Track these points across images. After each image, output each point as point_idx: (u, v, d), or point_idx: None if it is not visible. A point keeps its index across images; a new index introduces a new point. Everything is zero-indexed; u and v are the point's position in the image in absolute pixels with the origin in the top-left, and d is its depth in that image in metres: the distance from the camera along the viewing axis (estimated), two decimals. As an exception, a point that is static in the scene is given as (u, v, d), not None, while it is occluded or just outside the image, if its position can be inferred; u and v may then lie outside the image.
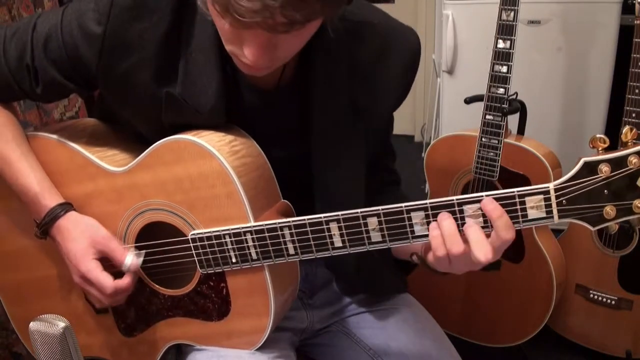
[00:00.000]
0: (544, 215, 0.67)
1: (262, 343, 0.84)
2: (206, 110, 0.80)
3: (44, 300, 0.96)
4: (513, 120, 1.59)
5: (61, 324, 0.68)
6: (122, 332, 0.93)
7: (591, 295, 1.62)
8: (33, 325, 0.68)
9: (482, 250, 0.68)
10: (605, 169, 0.64)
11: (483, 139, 1.50)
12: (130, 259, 0.82)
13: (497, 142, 1.48)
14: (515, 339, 1.61)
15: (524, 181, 1.52)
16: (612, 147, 0.66)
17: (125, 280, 0.82)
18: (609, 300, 1.60)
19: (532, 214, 0.68)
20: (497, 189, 1.57)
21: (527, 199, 0.67)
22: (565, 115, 1.98)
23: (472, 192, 1.68)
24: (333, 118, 0.85)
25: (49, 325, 0.67)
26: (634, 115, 1.43)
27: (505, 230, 0.68)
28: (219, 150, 0.77)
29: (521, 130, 1.64)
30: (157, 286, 0.88)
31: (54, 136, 0.88)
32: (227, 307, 0.84)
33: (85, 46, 0.79)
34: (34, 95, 0.87)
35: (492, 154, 1.49)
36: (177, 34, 0.78)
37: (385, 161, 1.02)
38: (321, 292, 1.01)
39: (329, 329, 1.01)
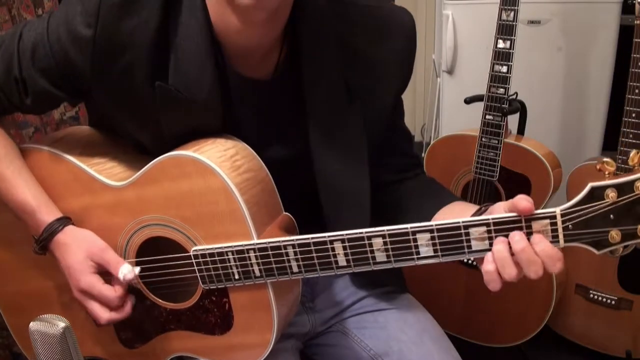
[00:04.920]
0: (550, 239, 0.67)
1: (265, 356, 0.84)
2: (201, 98, 0.78)
3: (43, 311, 0.93)
4: (513, 120, 1.59)
5: (61, 324, 0.68)
6: (123, 344, 0.93)
7: (591, 295, 1.62)
8: (33, 325, 0.68)
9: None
10: (612, 194, 0.64)
11: (483, 139, 1.50)
12: (126, 269, 0.81)
13: (497, 142, 1.48)
14: (515, 339, 1.61)
15: (524, 181, 1.52)
16: (612, 148, 0.66)
17: (121, 291, 0.82)
18: (609, 300, 1.60)
19: (538, 236, 0.67)
20: (497, 189, 1.57)
21: (533, 223, 0.67)
22: (565, 115, 1.98)
23: (472, 192, 1.68)
24: (327, 102, 0.84)
25: (49, 325, 0.67)
26: (634, 115, 1.43)
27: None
28: (220, 167, 0.76)
29: (521, 130, 1.64)
30: (159, 300, 0.87)
31: (51, 149, 0.87)
32: (229, 321, 0.83)
33: (76, 51, 0.77)
34: (24, 108, 0.85)
35: (492, 154, 1.49)
36: (166, 27, 0.77)
37: (404, 145, 1.01)
38: (322, 294, 1.01)
39: (330, 329, 1.01)
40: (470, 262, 1.61)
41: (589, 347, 1.67)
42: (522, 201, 0.66)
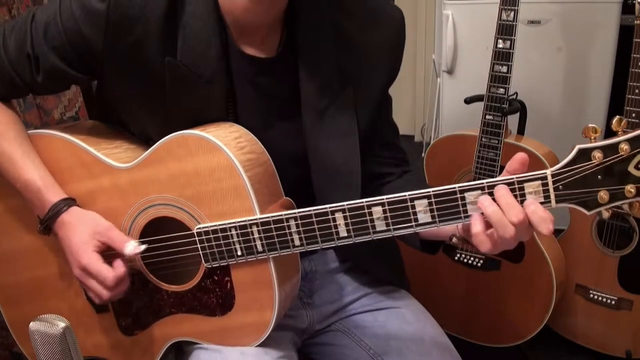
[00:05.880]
0: (542, 200, 0.70)
1: (265, 337, 0.84)
2: (207, 74, 0.81)
3: (42, 301, 0.95)
4: (513, 120, 1.59)
5: (61, 324, 0.68)
6: (122, 331, 0.93)
7: (591, 295, 1.62)
8: (33, 325, 0.68)
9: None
10: (598, 155, 0.66)
11: (483, 139, 1.50)
12: (131, 246, 0.82)
13: (497, 142, 1.48)
14: (515, 339, 1.61)
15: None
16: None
17: (121, 268, 0.82)
18: (609, 300, 1.60)
19: (531, 199, 0.70)
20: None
21: (525, 184, 0.69)
22: (565, 115, 1.98)
23: (472, 192, 1.67)
24: (320, 84, 0.87)
25: (49, 325, 0.68)
26: (634, 115, 1.43)
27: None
28: (226, 145, 0.78)
29: (521, 130, 1.65)
30: (160, 282, 0.88)
31: (59, 133, 0.89)
32: (231, 301, 0.84)
33: (90, 26, 0.79)
34: (35, 86, 0.87)
35: (492, 154, 1.49)
36: (175, 6, 0.79)
37: (394, 139, 1.04)
38: (320, 291, 1.01)
39: (330, 328, 1.01)
40: (470, 262, 1.61)
41: (589, 347, 1.67)
42: (518, 154, 0.70)
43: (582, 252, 1.61)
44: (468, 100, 1.63)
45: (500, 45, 1.45)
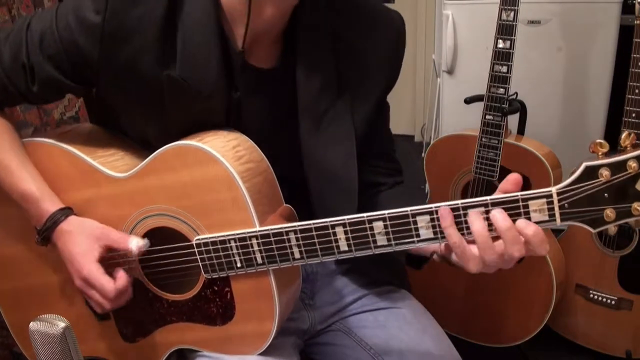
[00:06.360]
0: (547, 218, 0.68)
1: (266, 346, 0.84)
2: (208, 87, 0.80)
3: (43, 307, 0.94)
4: (513, 120, 1.59)
5: (61, 324, 0.68)
6: (123, 338, 0.93)
7: (591, 295, 1.62)
8: (33, 325, 0.68)
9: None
10: (605, 173, 0.65)
11: (483, 139, 1.50)
12: (135, 242, 0.82)
13: (497, 142, 1.48)
14: (515, 339, 1.61)
15: (525, 181, 1.52)
16: (612, 148, 0.67)
17: (123, 280, 0.82)
18: (609, 300, 1.60)
19: (535, 217, 0.69)
20: (497, 189, 1.57)
21: (530, 202, 0.68)
22: (565, 115, 1.98)
23: (472, 192, 1.69)
24: (318, 91, 0.86)
25: (49, 325, 0.67)
26: (633, 115, 1.43)
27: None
28: (224, 156, 0.77)
29: (521, 130, 1.65)
30: (160, 291, 0.88)
31: (55, 142, 0.88)
32: (231, 311, 0.84)
33: (85, 37, 0.78)
34: (30, 95, 0.86)
35: (492, 154, 1.49)
36: (173, 15, 0.78)
37: (390, 150, 1.04)
38: (322, 292, 1.01)
39: (330, 328, 1.01)
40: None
41: (589, 347, 1.67)
42: (512, 175, 0.70)
43: (582, 252, 1.61)
44: (468, 100, 1.63)
45: (500, 45, 1.45)
